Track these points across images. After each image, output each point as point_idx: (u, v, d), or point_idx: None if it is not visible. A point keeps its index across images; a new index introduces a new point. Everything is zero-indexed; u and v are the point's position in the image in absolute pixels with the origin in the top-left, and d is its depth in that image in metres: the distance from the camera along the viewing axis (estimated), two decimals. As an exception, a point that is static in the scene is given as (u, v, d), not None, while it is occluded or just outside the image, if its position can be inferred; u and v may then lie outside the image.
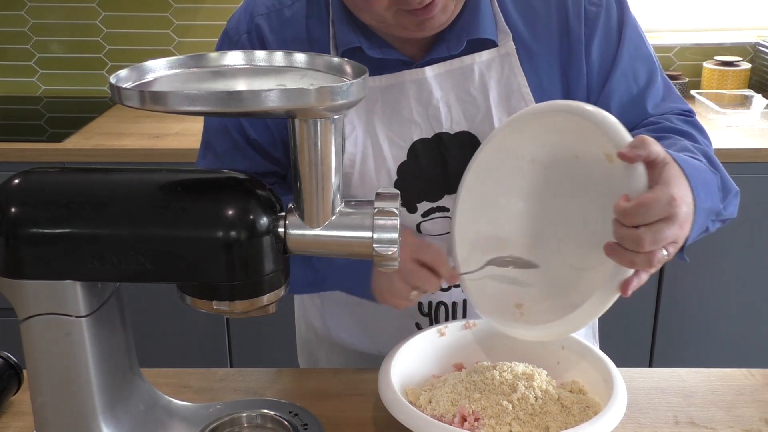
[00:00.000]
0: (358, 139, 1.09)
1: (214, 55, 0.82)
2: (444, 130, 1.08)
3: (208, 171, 0.84)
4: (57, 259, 0.78)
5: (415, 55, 1.08)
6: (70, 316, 0.80)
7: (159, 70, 0.78)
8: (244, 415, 0.99)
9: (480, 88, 1.08)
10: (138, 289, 0.95)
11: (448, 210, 1.10)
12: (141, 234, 0.77)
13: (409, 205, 1.10)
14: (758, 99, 2.46)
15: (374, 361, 1.09)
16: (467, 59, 1.07)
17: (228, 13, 2.64)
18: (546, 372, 1.01)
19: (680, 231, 0.85)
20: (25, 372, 0.89)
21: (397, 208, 0.81)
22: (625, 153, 0.85)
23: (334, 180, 0.80)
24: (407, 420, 0.90)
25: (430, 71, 1.07)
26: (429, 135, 1.08)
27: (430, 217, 1.10)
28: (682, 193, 0.85)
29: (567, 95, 1.09)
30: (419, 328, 1.15)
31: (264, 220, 0.79)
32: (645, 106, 1.11)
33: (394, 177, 1.09)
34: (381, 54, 1.06)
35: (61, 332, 0.81)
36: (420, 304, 1.14)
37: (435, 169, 1.09)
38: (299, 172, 0.79)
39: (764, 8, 2.73)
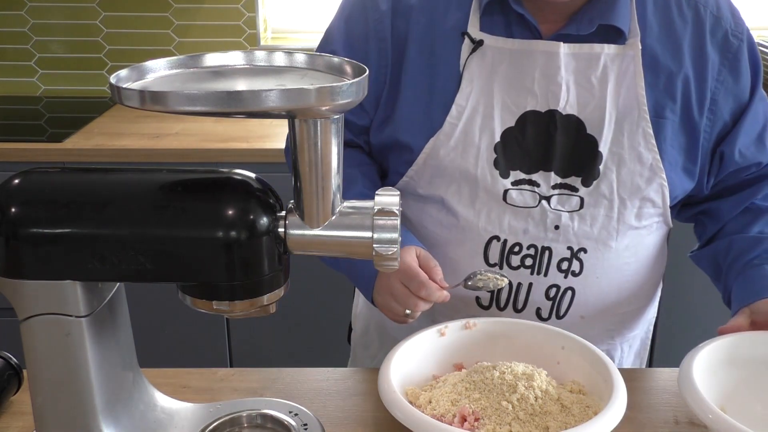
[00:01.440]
0: (472, 94, 1.11)
1: (214, 55, 0.82)
2: (558, 108, 1.10)
3: (208, 171, 0.84)
4: (57, 259, 0.78)
5: (546, 32, 1.11)
6: (70, 316, 0.80)
7: (159, 70, 0.78)
8: (244, 415, 0.99)
9: (601, 78, 1.10)
10: (138, 289, 0.95)
11: (538, 185, 1.12)
12: (141, 234, 0.77)
13: (503, 171, 1.11)
14: (758, 99, 2.45)
15: None
16: (597, 47, 1.10)
17: (228, 13, 2.66)
18: (546, 372, 1.01)
19: None
20: (25, 372, 0.89)
21: (397, 209, 0.81)
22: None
23: (334, 180, 0.80)
24: (407, 420, 0.90)
25: (563, 48, 1.09)
26: (543, 109, 1.10)
27: (519, 187, 1.12)
28: None
29: (684, 110, 1.12)
30: (479, 303, 1.17)
31: (264, 220, 0.79)
32: (765, 143, 1.17)
33: (497, 139, 1.11)
34: (521, 10, 1.09)
35: (61, 332, 0.81)
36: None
37: (538, 143, 1.11)
38: (299, 172, 0.79)
39: (764, 8, 2.73)
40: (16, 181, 0.80)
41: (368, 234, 0.81)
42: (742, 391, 0.99)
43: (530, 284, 1.15)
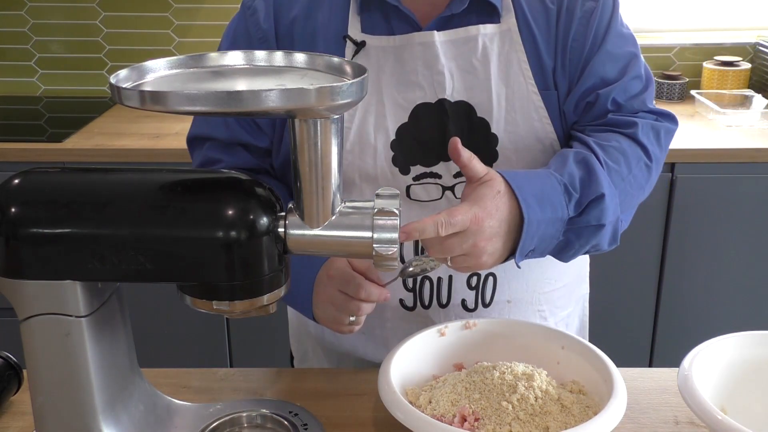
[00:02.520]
0: None
1: (214, 55, 0.82)
2: (446, 97, 1.10)
3: (208, 171, 0.84)
4: (57, 259, 0.78)
5: (426, 20, 1.10)
6: (70, 316, 0.80)
7: (159, 70, 0.78)
8: (244, 415, 0.99)
9: (482, 60, 1.09)
10: (138, 289, 0.95)
11: (440, 177, 1.11)
12: (141, 234, 0.77)
13: (403, 167, 1.11)
14: (758, 99, 2.46)
15: (360, 345, 1.15)
16: (473, 30, 1.09)
17: (228, 13, 2.66)
18: (546, 372, 1.01)
19: (480, 243, 0.94)
20: (25, 372, 0.89)
21: (397, 209, 0.81)
22: (454, 149, 0.95)
23: (334, 180, 0.80)
24: (407, 420, 0.90)
25: (437, 36, 1.09)
26: (432, 100, 1.10)
27: (422, 181, 1.11)
28: (489, 209, 0.95)
29: (568, 78, 1.10)
30: (403, 304, 1.16)
31: (264, 220, 0.79)
32: (599, 92, 1.11)
33: (392, 137, 1.10)
34: (395, 2, 1.08)
35: (61, 332, 0.81)
36: (404, 280, 1.15)
37: (434, 134, 1.10)
38: (299, 172, 0.79)
39: (764, 8, 2.73)
40: (16, 181, 0.80)
41: (368, 234, 0.81)
42: (742, 391, 0.99)
43: (450, 276, 1.14)
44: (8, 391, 1.05)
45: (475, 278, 1.14)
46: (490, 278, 1.15)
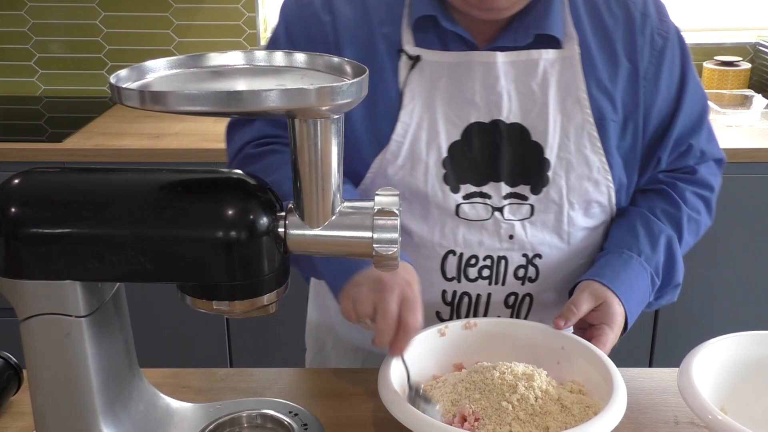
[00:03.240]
0: (416, 110, 1.10)
1: (214, 55, 0.82)
2: (501, 118, 1.09)
3: (208, 171, 0.84)
4: (57, 259, 0.78)
5: (481, 43, 1.10)
6: (70, 316, 0.80)
7: (159, 70, 0.78)
8: (244, 415, 0.99)
9: (541, 84, 1.09)
10: (138, 289, 0.95)
11: (489, 197, 1.11)
12: (141, 234, 0.77)
13: (453, 185, 1.10)
14: (758, 99, 2.46)
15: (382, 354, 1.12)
16: (534, 53, 1.09)
17: (228, 12, 2.66)
18: (546, 372, 1.01)
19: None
20: (25, 372, 0.89)
21: (397, 209, 0.81)
22: (558, 324, 1.06)
23: (334, 180, 0.80)
24: (407, 420, 0.90)
25: (500, 57, 1.09)
26: (487, 120, 1.10)
27: (471, 200, 1.11)
28: (617, 321, 1.11)
29: (625, 110, 1.12)
30: (440, 317, 1.16)
31: (264, 220, 0.79)
32: (692, 142, 1.18)
33: (444, 154, 1.10)
34: (452, 28, 1.08)
35: (61, 332, 0.81)
36: (444, 292, 1.15)
37: (486, 154, 1.10)
38: (299, 172, 0.79)
39: (764, 8, 2.73)
40: (16, 181, 0.80)
41: (368, 234, 0.81)
42: (742, 391, 0.99)
43: (489, 294, 1.14)
44: (8, 391, 1.05)
45: (513, 297, 1.15)
46: (527, 298, 1.15)
